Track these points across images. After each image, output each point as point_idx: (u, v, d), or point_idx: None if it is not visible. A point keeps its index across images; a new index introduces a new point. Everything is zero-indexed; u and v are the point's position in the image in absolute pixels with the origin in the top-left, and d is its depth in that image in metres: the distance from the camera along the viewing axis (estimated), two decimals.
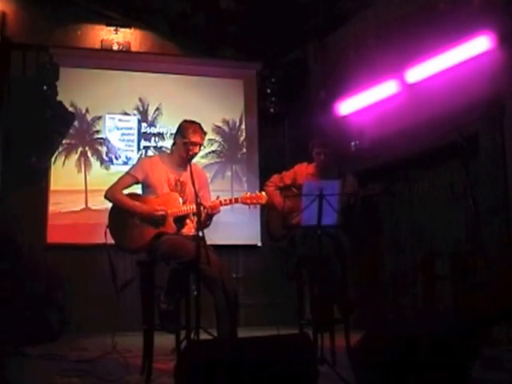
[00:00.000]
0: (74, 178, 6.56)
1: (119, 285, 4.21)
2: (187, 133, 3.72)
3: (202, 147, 3.89)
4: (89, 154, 6.67)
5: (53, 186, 6.44)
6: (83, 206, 6.51)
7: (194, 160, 3.86)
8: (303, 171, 4.29)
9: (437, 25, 5.02)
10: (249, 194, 3.76)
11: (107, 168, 6.68)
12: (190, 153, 3.72)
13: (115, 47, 6.95)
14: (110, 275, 4.23)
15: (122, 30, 7.01)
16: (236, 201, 3.70)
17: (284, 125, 7.42)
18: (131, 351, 4.14)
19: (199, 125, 3.80)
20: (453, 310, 4.69)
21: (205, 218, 3.65)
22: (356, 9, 6.30)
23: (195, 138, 3.73)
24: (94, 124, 6.74)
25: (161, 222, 3.63)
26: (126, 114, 6.86)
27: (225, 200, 3.68)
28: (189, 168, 3.59)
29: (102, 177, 6.48)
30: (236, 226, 6.53)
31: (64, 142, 6.50)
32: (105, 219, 3.78)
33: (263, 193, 3.82)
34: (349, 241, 4.07)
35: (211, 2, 6.68)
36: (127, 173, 3.82)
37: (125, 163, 6.65)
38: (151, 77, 6.99)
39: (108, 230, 3.72)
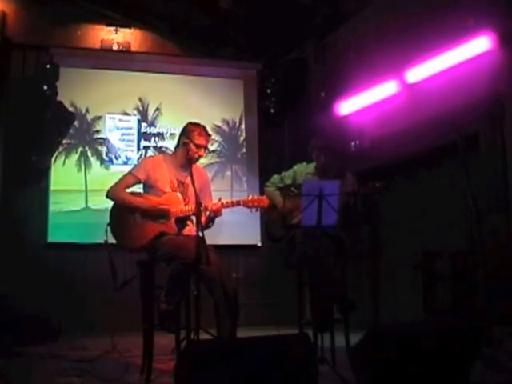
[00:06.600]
0: (74, 178, 6.57)
1: (119, 283, 4.20)
2: (192, 135, 3.71)
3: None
4: (89, 154, 6.68)
5: (53, 186, 6.45)
6: (83, 205, 6.52)
7: None
8: (303, 171, 4.28)
9: (437, 25, 5.02)
10: (251, 196, 3.74)
11: (107, 168, 6.69)
12: (196, 155, 3.71)
13: (115, 47, 6.95)
14: (110, 273, 4.23)
15: (122, 30, 7.01)
16: (238, 203, 3.68)
17: (284, 125, 7.43)
18: (131, 351, 4.14)
19: (204, 127, 3.79)
20: (453, 310, 4.69)
21: (206, 221, 3.65)
22: (356, 9, 6.30)
23: (200, 141, 3.72)
24: (93, 124, 6.75)
25: (163, 217, 3.61)
26: (126, 114, 6.86)
27: (226, 202, 3.66)
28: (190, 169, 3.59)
29: (102, 177, 6.48)
30: (236, 226, 6.53)
31: (64, 141, 6.51)
32: (105, 219, 3.78)
33: (265, 196, 3.80)
34: (349, 241, 4.06)
35: (211, 1, 6.68)
36: (129, 172, 3.81)
37: (125, 163, 6.66)
38: (151, 77, 7.00)
39: (109, 229, 3.72)
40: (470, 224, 4.00)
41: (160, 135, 6.94)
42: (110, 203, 3.78)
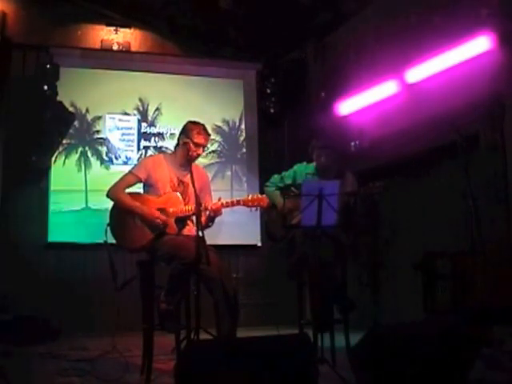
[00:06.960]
0: (74, 178, 6.57)
1: (119, 283, 4.21)
2: (192, 134, 3.72)
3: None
4: (89, 154, 6.67)
5: (53, 186, 6.45)
6: (83, 205, 6.52)
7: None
8: (303, 171, 4.29)
9: (437, 25, 5.02)
10: (250, 196, 3.73)
11: (107, 168, 6.68)
12: (194, 154, 3.72)
13: (115, 47, 6.95)
14: (110, 273, 4.23)
15: (122, 29, 7.01)
16: (238, 203, 3.68)
17: (284, 125, 7.42)
18: (131, 351, 4.14)
19: (203, 126, 3.80)
20: (453, 310, 4.69)
21: (206, 220, 3.65)
22: (356, 9, 6.30)
23: (199, 140, 3.73)
24: (94, 124, 6.74)
25: (160, 229, 3.61)
26: (126, 113, 6.86)
27: (226, 202, 3.66)
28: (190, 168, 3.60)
29: (102, 177, 6.48)
30: (236, 226, 6.52)
31: (64, 141, 6.51)
32: (105, 219, 3.78)
33: (264, 196, 3.80)
34: (348, 241, 4.07)
35: (211, 1, 6.68)
36: (130, 172, 3.81)
37: (125, 163, 6.66)
38: (151, 77, 7.00)
39: (109, 229, 3.72)
40: (470, 224, 4.00)
41: (160, 135, 6.93)
42: (110, 203, 3.79)
